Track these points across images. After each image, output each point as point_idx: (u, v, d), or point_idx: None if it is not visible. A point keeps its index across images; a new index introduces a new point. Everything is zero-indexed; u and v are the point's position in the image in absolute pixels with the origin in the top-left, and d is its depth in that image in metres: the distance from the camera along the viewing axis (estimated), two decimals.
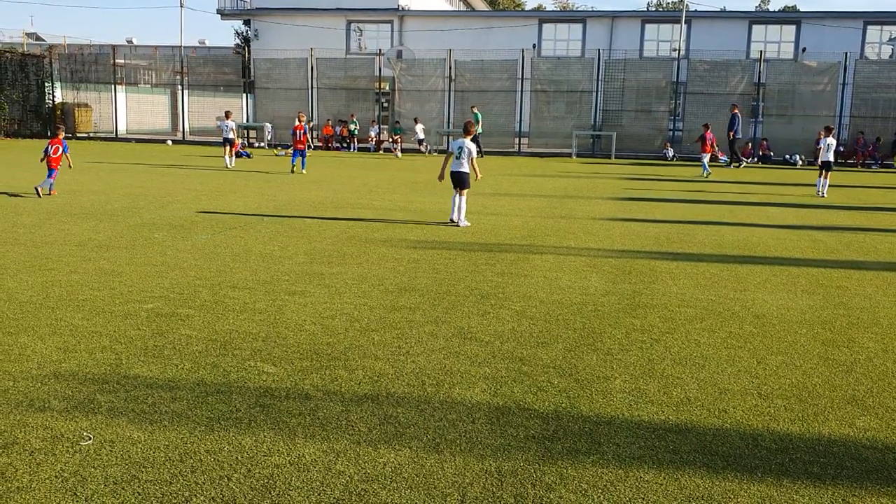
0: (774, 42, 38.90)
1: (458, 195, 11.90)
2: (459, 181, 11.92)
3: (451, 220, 11.91)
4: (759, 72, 30.89)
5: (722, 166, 27.70)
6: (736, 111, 27.86)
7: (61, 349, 5.37)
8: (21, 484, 3.51)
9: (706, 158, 23.70)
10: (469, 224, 11.78)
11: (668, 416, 4.49)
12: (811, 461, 3.96)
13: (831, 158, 17.89)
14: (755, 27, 39.40)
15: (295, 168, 20.72)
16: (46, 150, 14.17)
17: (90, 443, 3.93)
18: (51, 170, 14.01)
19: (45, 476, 3.59)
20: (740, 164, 27.78)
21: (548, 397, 4.72)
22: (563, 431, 4.23)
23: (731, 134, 27.76)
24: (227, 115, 23.82)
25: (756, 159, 30.27)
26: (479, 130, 30.31)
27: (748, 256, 9.77)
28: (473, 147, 12.07)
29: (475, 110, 30.18)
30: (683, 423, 4.39)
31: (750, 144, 30.79)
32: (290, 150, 22.16)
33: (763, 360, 5.58)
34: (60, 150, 14.24)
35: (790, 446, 4.13)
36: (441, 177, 12.26)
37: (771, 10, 70.30)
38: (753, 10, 66.73)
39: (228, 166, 22.27)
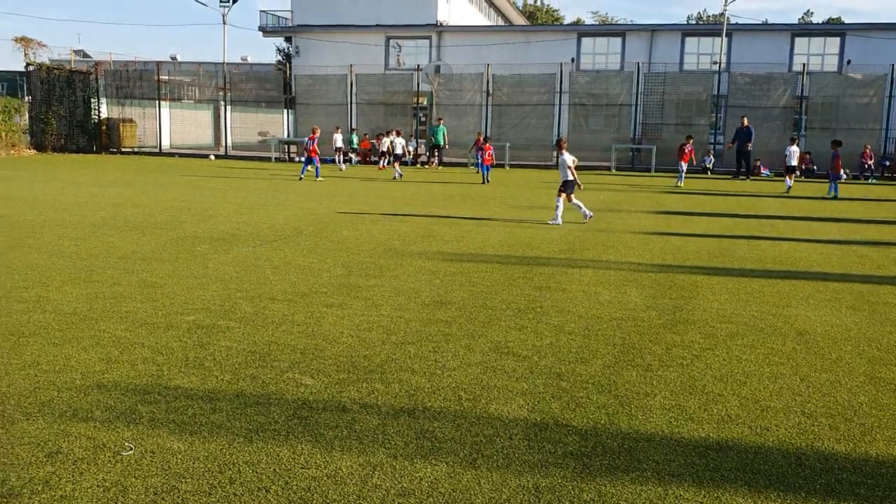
0: (818, 55, 38.29)
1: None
2: None
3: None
4: (802, 85, 30.44)
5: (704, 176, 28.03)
6: (747, 123, 27.93)
7: (104, 360, 5.47)
8: (64, 493, 3.57)
9: (684, 168, 24.84)
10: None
11: (708, 433, 4.42)
12: (858, 482, 3.87)
13: None
14: (798, 40, 38.84)
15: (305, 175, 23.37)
16: None
17: (131, 453, 3.99)
18: None
19: (87, 485, 3.64)
20: (746, 178, 27.95)
21: (586, 413, 4.67)
22: (601, 448, 4.18)
23: (748, 145, 27.80)
24: (344, 129, 30.79)
25: (799, 173, 29.78)
26: (444, 143, 30.77)
27: (790, 271, 9.60)
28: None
29: (437, 123, 31.72)
30: (724, 441, 4.31)
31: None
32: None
33: (806, 377, 5.47)
34: None
35: (835, 466, 4.04)
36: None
37: (814, 22, 69.31)
38: (796, 22, 65.94)
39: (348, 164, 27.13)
